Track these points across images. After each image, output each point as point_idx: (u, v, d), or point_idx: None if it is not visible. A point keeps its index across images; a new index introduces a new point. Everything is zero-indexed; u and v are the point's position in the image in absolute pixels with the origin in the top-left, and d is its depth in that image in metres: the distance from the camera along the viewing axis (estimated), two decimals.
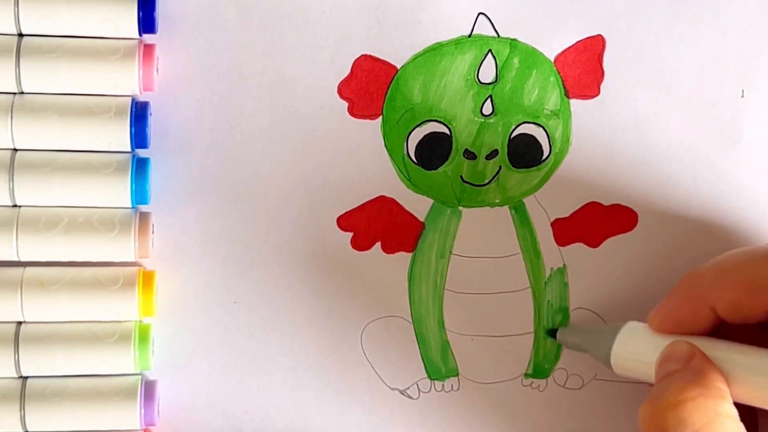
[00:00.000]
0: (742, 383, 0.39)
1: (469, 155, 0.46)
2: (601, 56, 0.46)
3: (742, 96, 0.47)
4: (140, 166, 0.44)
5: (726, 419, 0.39)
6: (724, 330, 0.41)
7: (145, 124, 0.44)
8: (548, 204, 0.47)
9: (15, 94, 0.44)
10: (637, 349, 0.43)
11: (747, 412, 0.40)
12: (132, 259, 0.44)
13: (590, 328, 0.46)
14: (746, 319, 0.40)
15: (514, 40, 0.46)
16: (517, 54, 0.46)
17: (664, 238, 0.47)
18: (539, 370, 0.47)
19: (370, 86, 0.46)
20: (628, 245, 0.47)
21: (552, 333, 0.47)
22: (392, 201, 0.46)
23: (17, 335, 0.44)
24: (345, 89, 0.46)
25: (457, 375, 0.47)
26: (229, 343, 0.46)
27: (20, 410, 0.44)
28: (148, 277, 0.45)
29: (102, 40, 0.44)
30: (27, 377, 0.44)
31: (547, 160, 0.46)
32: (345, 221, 0.46)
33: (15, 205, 0.44)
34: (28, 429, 0.44)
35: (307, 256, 0.46)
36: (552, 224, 0.47)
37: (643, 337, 0.43)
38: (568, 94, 0.46)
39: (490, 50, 0.46)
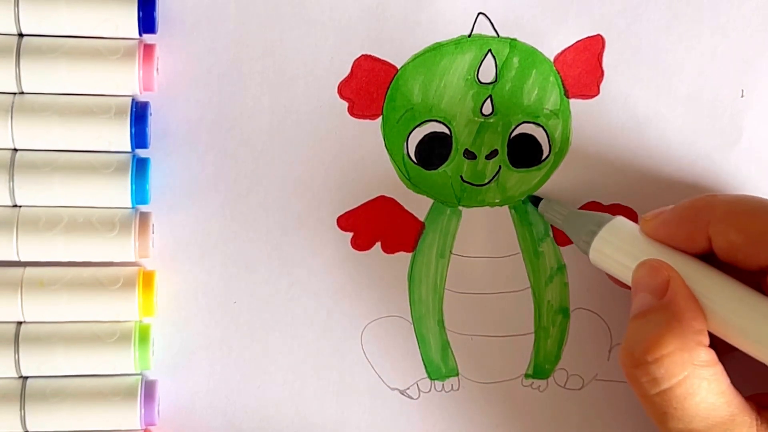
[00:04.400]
0: (720, 322, 0.39)
1: (469, 155, 0.46)
2: (601, 56, 0.46)
3: (742, 96, 0.47)
4: (140, 166, 0.44)
5: (702, 369, 0.38)
6: (708, 260, 0.41)
7: (145, 124, 0.44)
8: None
9: (15, 94, 0.44)
10: (619, 249, 0.42)
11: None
12: (132, 259, 0.44)
13: (576, 211, 0.45)
14: (736, 263, 0.40)
15: (514, 39, 0.46)
16: (516, 54, 0.46)
17: None
18: (539, 370, 0.47)
19: (370, 86, 0.46)
20: None
21: (534, 201, 0.46)
22: (392, 201, 0.46)
23: (17, 335, 0.44)
24: (345, 89, 0.46)
25: (457, 375, 0.47)
26: (229, 343, 0.46)
27: (20, 410, 0.44)
28: (148, 277, 0.45)
29: (102, 40, 0.44)
30: (27, 377, 0.44)
31: (547, 159, 0.46)
32: (345, 221, 0.46)
33: (15, 205, 0.44)
34: (28, 429, 0.44)
35: (307, 256, 0.46)
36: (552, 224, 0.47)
37: (628, 239, 0.42)
38: (567, 94, 0.46)
39: (489, 50, 0.46)
